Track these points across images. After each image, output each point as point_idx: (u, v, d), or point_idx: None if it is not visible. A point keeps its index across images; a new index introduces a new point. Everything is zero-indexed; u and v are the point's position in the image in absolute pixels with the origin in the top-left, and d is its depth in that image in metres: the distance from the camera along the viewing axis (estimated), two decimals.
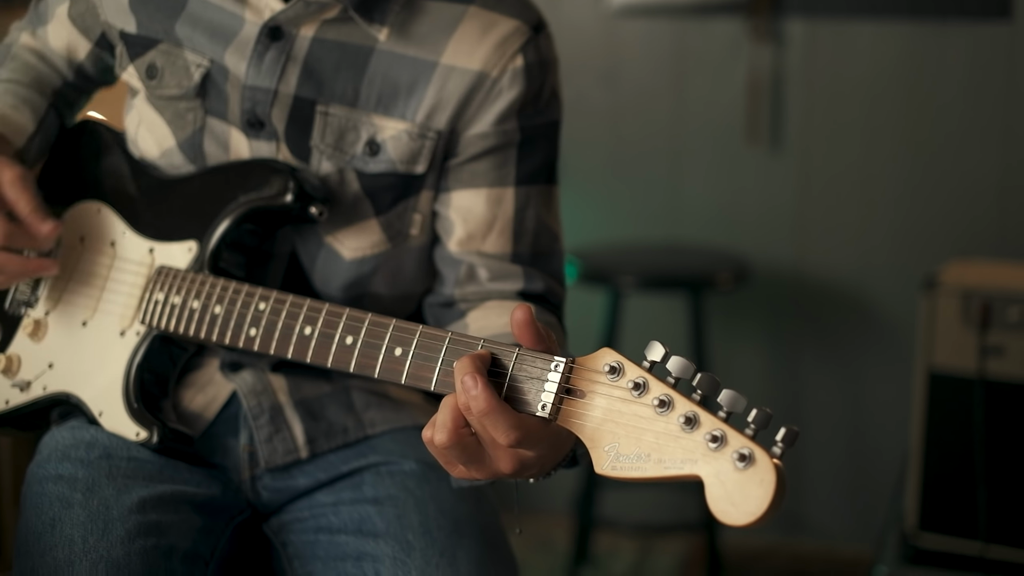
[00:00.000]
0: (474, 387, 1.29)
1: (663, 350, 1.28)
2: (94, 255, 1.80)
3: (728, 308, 4.15)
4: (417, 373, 1.42)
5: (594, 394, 1.30)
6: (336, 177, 1.75)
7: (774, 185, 4.09)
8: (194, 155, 1.80)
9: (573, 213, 4.29)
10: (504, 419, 1.30)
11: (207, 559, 1.69)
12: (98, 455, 1.72)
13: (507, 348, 1.35)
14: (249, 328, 1.59)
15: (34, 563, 1.59)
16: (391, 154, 1.73)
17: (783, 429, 1.20)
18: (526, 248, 1.77)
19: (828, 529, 4.20)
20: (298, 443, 1.80)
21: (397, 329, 1.44)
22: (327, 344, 1.51)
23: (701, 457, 1.22)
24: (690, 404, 1.24)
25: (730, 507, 1.19)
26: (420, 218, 1.79)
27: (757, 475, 1.18)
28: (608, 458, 1.27)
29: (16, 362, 1.83)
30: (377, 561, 1.66)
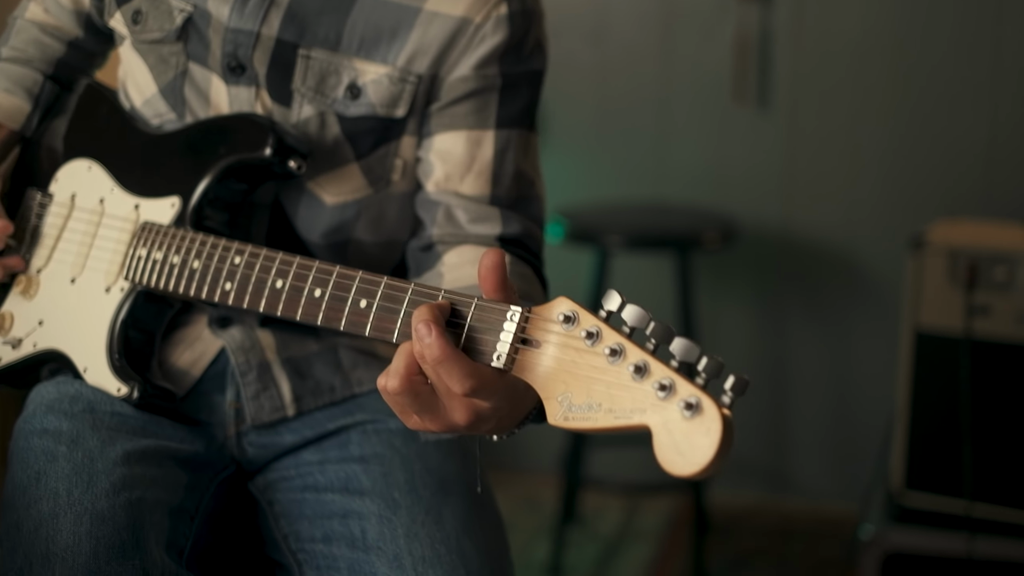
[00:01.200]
0: (428, 335, 1.28)
1: (619, 299, 1.26)
2: (84, 212, 1.81)
3: (715, 268, 4.15)
4: (380, 325, 1.41)
5: (548, 344, 1.28)
6: (317, 121, 1.75)
7: (761, 144, 4.08)
8: (175, 101, 1.81)
9: (560, 172, 4.28)
10: (459, 367, 1.29)
11: (192, 514, 1.70)
12: (81, 408, 1.72)
13: (465, 298, 1.35)
14: (225, 282, 1.59)
15: (19, 516, 1.59)
16: (371, 98, 1.73)
17: (731, 377, 1.18)
18: (504, 191, 1.76)
19: (814, 488, 4.22)
20: (285, 401, 1.80)
21: (363, 281, 1.44)
22: (297, 297, 1.50)
23: (650, 407, 1.20)
24: (641, 353, 1.22)
25: (677, 457, 1.17)
26: (401, 164, 1.79)
27: (704, 424, 1.16)
28: (561, 408, 1.26)
29: (9, 320, 1.84)
30: (363, 519, 1.66)
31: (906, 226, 3.86)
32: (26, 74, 1.91)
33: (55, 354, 1.80)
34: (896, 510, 3.25)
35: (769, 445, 4.25)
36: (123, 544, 1.53)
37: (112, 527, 1.54)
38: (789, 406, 4.20)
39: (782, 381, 4.18)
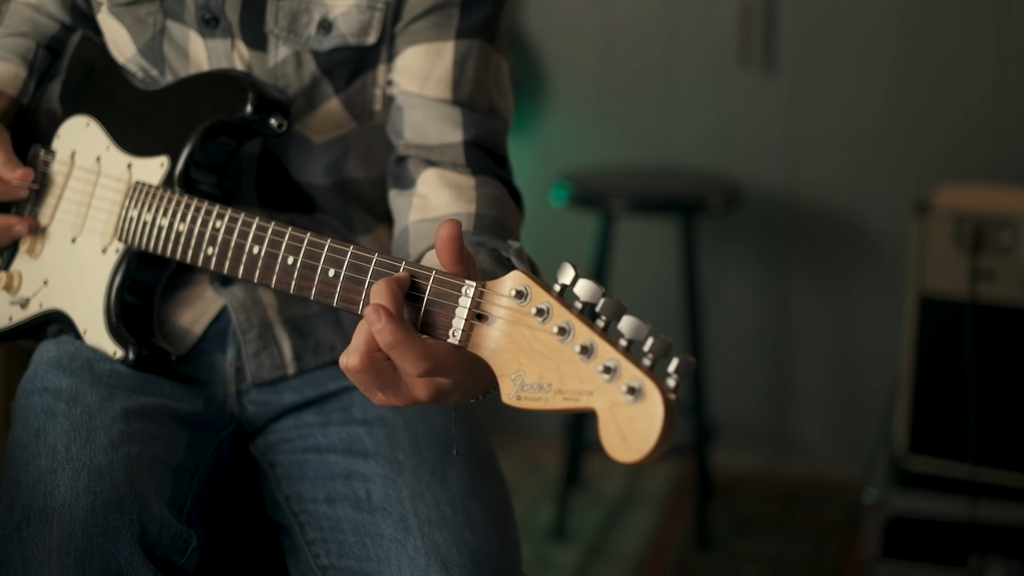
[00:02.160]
0: (377, 320, 1.28)
1: (573, 272, 1.24)
2: (82, 171, 1.81)
3: (720, 231, 4.15)
4: (347, 296, 1.41)
5: (502, 320, 1.27)
6: (293, 61, 1.76)
7: (766, 108, 4.07)
8: (154, 59, 1.82)
9: (564, 136, 4.27)
10: (412, 350, 1.29)
11: (192, 472, 1.70)
12: (80, 366, 1.73)
13: (424, 271, 1.34)
14: (207, 247, 1.59)
15: (18, 472, 1.60)
16: (342, 29, 1.74)
17: (676, 359, 1.15)
18: (465, 96, 1.76)
19: (818, 452, 4.22)
20: (285, 359, 1.81)
21: (331, 250, 1.43)
22: (271, 264, 1.50)
23: (596, 389, 1.17)
24: (589, 332, 1.19)
25: (620, 442, 1.15)
26: (380, 93, 1.80)
27: (646, 409, 1.14)
28: (514, 387, 1.24)
29: (17, 279, 1.84)
30: (368, 480, 1.67)
31: (911, 189, 3.85)
32: (20, 42, 1.91)
33: (59, 314, 1.80)
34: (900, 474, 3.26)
35: (773, 409, 4.25)
36: (120, 499, 1.54)
37: (110, 482, 1.55)
38: (793, 370, 4.20)
39: (786, 345, 4.18)
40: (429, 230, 1.64)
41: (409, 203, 1.70)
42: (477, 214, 1.65)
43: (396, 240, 1.70)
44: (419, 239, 1.64)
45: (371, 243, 1.87)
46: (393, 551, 1.59)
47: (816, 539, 3.77)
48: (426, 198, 1.69)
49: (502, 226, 1.65)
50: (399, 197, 1.74)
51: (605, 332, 1.20)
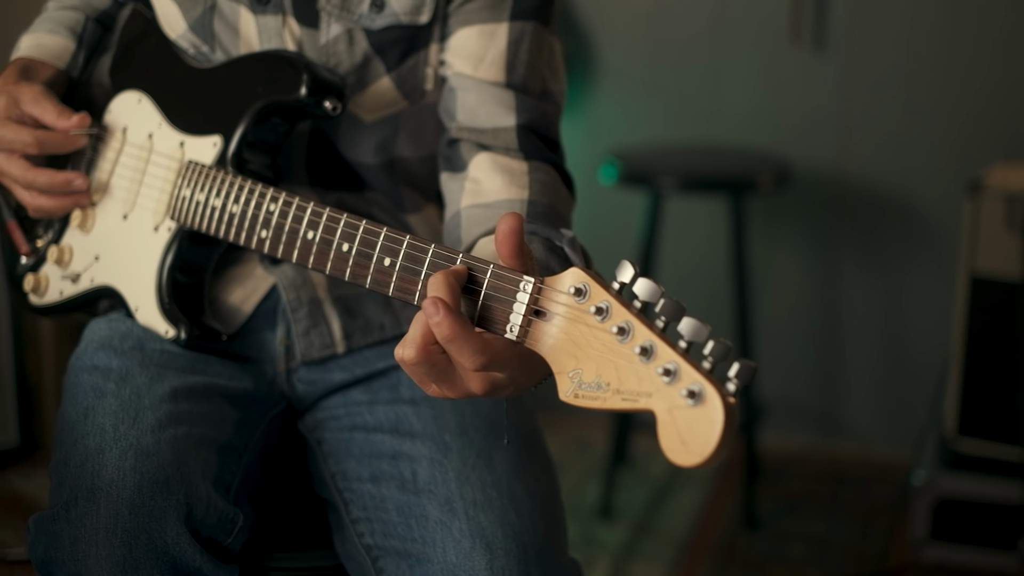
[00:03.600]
0: (435, 313, 1.27)
1: (632, 271, 1.23)
2: (134, 147, 1.81)
3: (769, 210, 4.13)
4: (403, 285, 1.41)
5: (560, 317, 1.26)
6: (345, 39, 1.76)
7: (817, 85, 4.04)
8: (205, 35, 1.82)
9: (613, 114, 4.26)
10: (468, 345, 1.29)
11: (240, 451, 1.71)
12: (131, 346, 1.74)
13: (482, 264, 1.33)
14: (261, 230, 1.59)
15: (67, 451, 1.61)
16: (395, 7, 1.74)
17: (736, 364, 1.15)
18: (519, 79, 1.75)
19: (866, 432, 4.20)
20: (335, 338, 1.81)
21: (387, 238, 1.42)
22: (326, 251, 1.49)
23: (655, 391, 1.17)
24: (649, 333, 1.19)
25: (680, 445, 1.15)
26: (432, 73, 1.79)
27: (706, 413, 1.13)
28: (571, 385, 1.24)
29: (68, 253, 1.86)
30: (414, 461, 1.67)
31: (963, 169, 3.81)
32: (70, 15, 1.92)
33: (110, 290, 1.82)
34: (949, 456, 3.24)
35: (821, 389, 4.23)
36: (167, 479, 1.55)
37: (156, 462, 1.56)
38: (842, 350, 4.18)
39: (835, 325, 4.16)
40: (482, 215, 1.64)
41: (461, 187, 1.70)
42: (530, 200, 1.64)
43: (448, 224, 1.70)
44: (471, 224, 1.64)
45: (420, 222, 1.87)
46: (438, 533, 1.59)
47: (863, 520, 3.75)
48: (479, 182, 1.68)
49: (554, 212, 1.64)
50: (451, 180, 1.73)
51: (664, 333, 1.20)
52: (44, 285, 1.88)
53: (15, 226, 1.90)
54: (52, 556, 1.53)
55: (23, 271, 1.92)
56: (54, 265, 1.87)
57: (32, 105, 1.76)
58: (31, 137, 1.75)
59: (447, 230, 1.69)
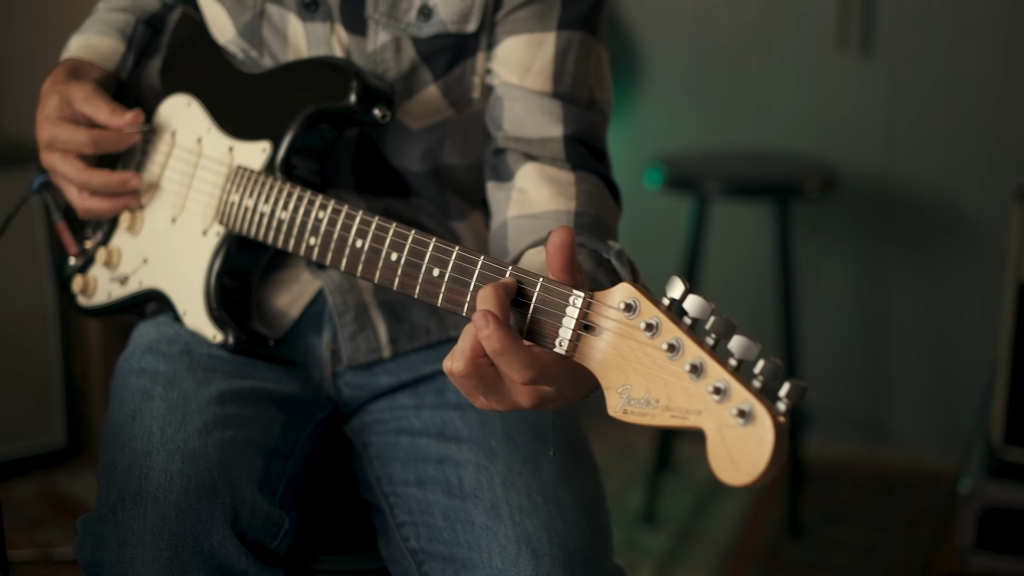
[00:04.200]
0: (485, 326, 1.27)
1: (683, 287, 1.23)
2: (183, 151, 1.82)
3: (815, 216, 4.11)
4: (451, 297, 1.41)
5: (609, 332, 1.26)
6: (392, 47, 1.76)
7: (864, 91, 4.02)
8: (253, 41, 1.83)
9: (659, 118, 4.25)
10: (518, 358, 1.29)
11: (286, 454, 1.71)
12: (179, 350, 1.75)
13: (531, 277, 1.33)
14: (309, 237, 1.59)
15: (115, 454, 1.62)
16: (442, 15, 1.74)
17: (787, 384, 1.15)
18: (566, 89, 1.75)
19: (912, 440, 4.18)
20: (381, 342, 1.81)
21: (436, 249, 1.43)
22: (375, 260, 1.50)
23: (705, 409, 1.17)
24: (699, 350, 1.19)
25: (729, 464, 1.15)
26: (479, 81, 1.79)
27: (756, 433, 1.13)
28: (620, 401, 1.24)
29: (117, 255, 1.87)
30: (460, 466, 1.67)
31: (1011, 175, 3.79)
32: (120, 17, 1.94)
33: (158, 293, 1.83)
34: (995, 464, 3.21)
35: (866, 396, 4.21)
36: (213, 482, 1.55)
37: (203, 465, 1.56)
38: (887, 357, 4.15)
39: (881, 332, 4.14)
40: (529, 226, 1.63)
41: (508, 197, 1.70)
42: (576, 212, 1.64)
43: (494, 235, 1.70)
44: (518, 235, 1.64)
45: (466, 229, 1.87)
46: (484, 538, 1.59)
47: (909, 529, 3.73)
48: (525, 193, 1.68)
49: (601, 224, 1.64)
50: (497, 190, 1.73)
51: (715, 350, 1.20)
52: (92, 287, 1.90)
53: (64, 227, 1.92)
54: (99, 558, 1.54)
55: (71, 272, 1.93)
56: (103, 267, 1.88)
57: (85, 104, 1.77)
58: (86, 137, 1.76)
59: (493, 240, 1.69)
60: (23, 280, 3.58)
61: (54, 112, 1.77)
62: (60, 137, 1.76)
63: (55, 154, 1.78)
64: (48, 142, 1.77)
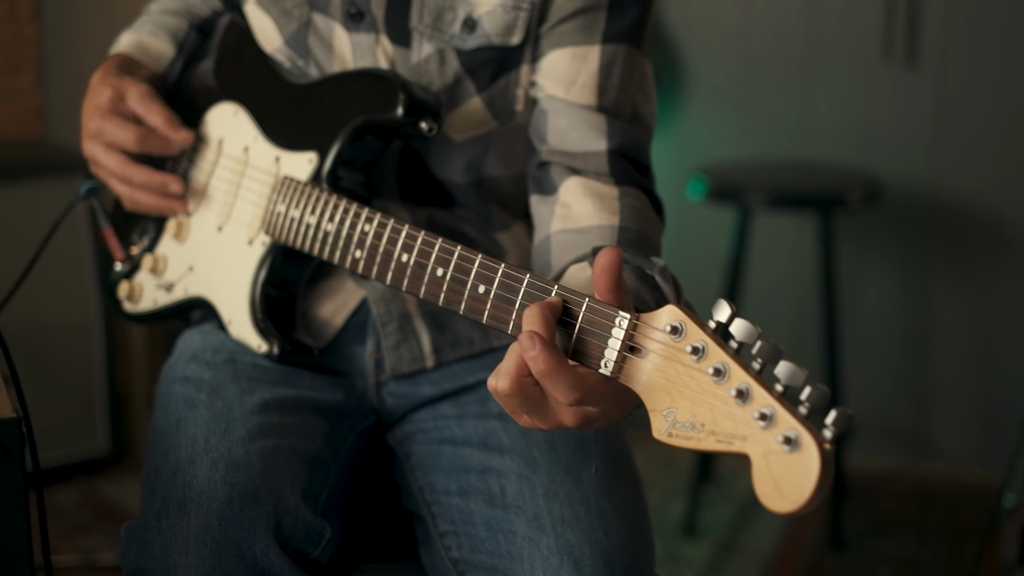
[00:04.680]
0: (532, 347, 1.27)
1: (729, 310, 1.22)
2: (230, 160, 1.83)
3: (858, 227, 4.09)
4: (497, 314, 1.41)
5: (655, 355, 1.26)
6: (436, 58, 1.76)
7: (908, 101, 4.01)
8: (299, 51, 1.83)
9: (702, 130, 4.25)
10: (564, 380, 1.29)
11: (329, 463, 1.72)
12: (224, 359, 1.76)
13: (577, 297, 1.33)
14: (355, 249, 1.60)
15: (159, 461, 1.63)
16: (487, 28, 1.73)
17: (834, 412, 1.14)
18: (611, 102, 1.74)
19: (956, 453, 4.15)
20: (424, 352, 1.81)
21: (482, 265, 1.43)
22: (420, 274, 1.50)
23: (751, 435, 1.17)
24: (745, 375, 1.19)
25: (774, 491, 1.14)
26: (523, 93, 1.79)
27: (801, 461, 1.13)
28: (665, 423, 1.24)
29: (163, 262, 1.88)
30: (502, 476, 1.67)
31: None
32: (172, 21, 1.95)
33: (203, 302, 1.83)
34: None
35: (910, 409, 4.18)
36: (256, 491, 1.56)
37: (246, 474, 1.57)
38: (931, 370, 4.13)
39: (925, 344, 4.12)
40: (572, 241, 1.63)
41: (552, 211, 1.70)
42: (620, 227, 1.63)
43: (537, 248, 1.69)
44: (562, 250, 1.63)
45: (509, 240, 1.87)
46: (526, 549, 1.59)
47: (953, 543, 3.71)
48: (569, 207, 1.68)
49: (644, 239, 1.64)
50: (541, 203, 1.73)
51: (761, 375, 1.19)
52: (138, 293, 1.91)
53: (111, 233, 1.93)
54: (143, 565, 1.54)
55: (117, 278, 1.94)
56: (148, 274, 1.89)
57: (139, 103, 1.78)
58: (134, 135, 1.77)
59: (536, 254, 1.69)
60: (68, 288, 3.61)
61: (105, 104, 1.78)
62: (107, 131, 1.77)
63: (99, 146, 1.79)
64: (95, 133, 1.79)
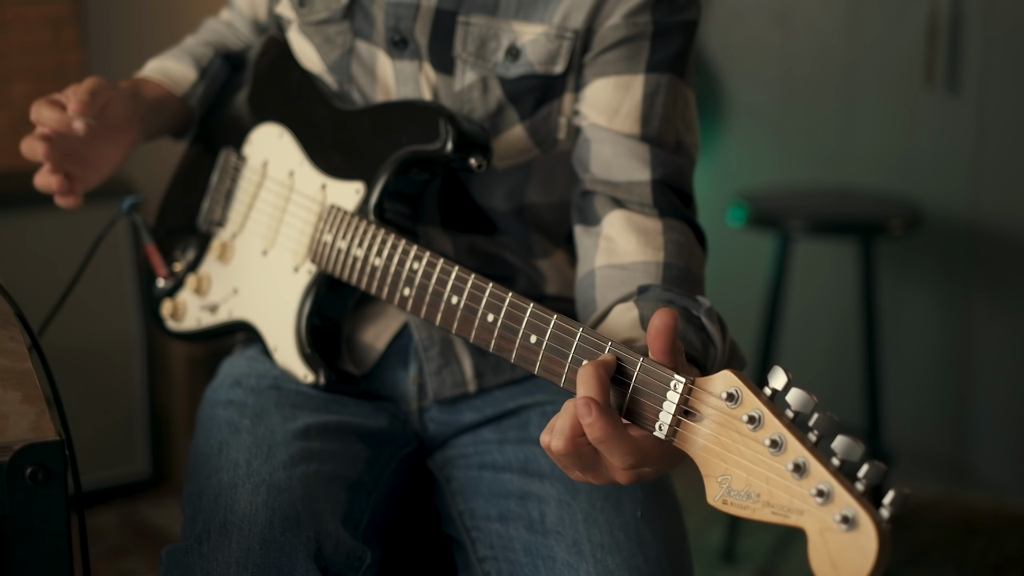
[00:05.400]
0: (588, 415, 1.28)
1: (785, 378, 1.23)
2: (274, 183, 1.83)
3: (899, 254, 4.08)
4: (549, 366, 1.42)
5: (711, 421, 1.26)
6: (480, 86, 1.76)
7: (950, 128, 3.99)
8: (342, 78, 1.84)
9: (743, 155, 4.24)
10: (620, 446, 1.30)
11: (370, 488, 1.72)
12: (268, 385, 1.77)
13: (632, 356, 1.33)
14: (404, 287, 1.60)
15: (201, 485, 1.64)
16: (530, 57, 1.74)
17: (892, 492, 1.14)
18: (654, 132, 1.74)
19: (998, 482, 4.12)
20: (466, 376, 1.82)
21: (533, 315, 1.44)
22: (470, 319, 1.51)
23: (807, 509, 1.17)
24: (802, 449, 1.19)
25: (831, 569, 1.14)
26: (565, 122, 1.78)
27: (859, 541, 1.13)
28: (720, 491, 1.25)
29: (206, 283, 1.89)
30: (542, 502, 1.67)
31: None
32: (198, 49, 1.98)
33: (248, 326, 1.84)
34: None
35: (952, 437, 4.16)
36: (298, 515, 1.56)
37: (288, 498, 1.57)
38: (974, 398, 4.10)
39: (967, 372, 4.09)
40: (617, 277, 1.63)
41: (595, 244, 1.69)
42: (665, 263, 1.63)
43: (581, 282, 1.69)
44: (606, 286, 1.64)
45: (550, 267, 1.87)
46: (565, 575, 1.59)
47: (994, 573, 3.68)
48: (613, 241, 1.68)
49: (689, 275, 1.64)
50: (585, 235, 1.73)
51: (817, 448, 1.19)
52: (182, 312, 1.92)
53: (154, 249, 1.94)
54: None
55: (160, 295, 1.95)
56: (192, 293, 1.90)
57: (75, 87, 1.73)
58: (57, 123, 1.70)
59: (580, 287, 1.69)
60: (109, 310, 3.63)
61: None
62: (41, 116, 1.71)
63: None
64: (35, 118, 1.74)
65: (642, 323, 1.50)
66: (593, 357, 1.37)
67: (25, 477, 1.18)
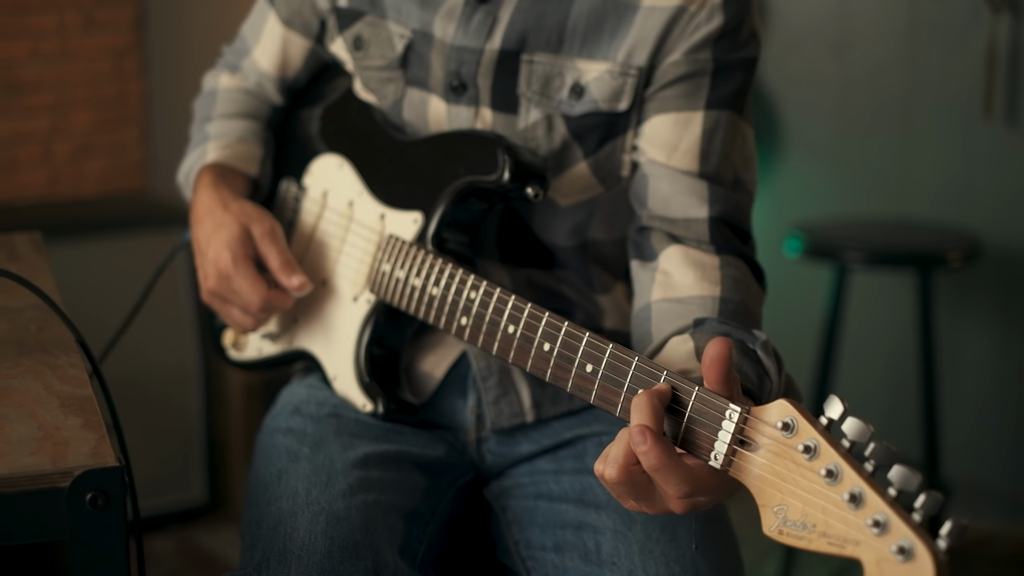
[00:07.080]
0: (643, 443, 1.28)
1: (841, 407, 1.22)
2: (334, 213, 1.85)
3: (958, 287, 4.05)
4: (604, 395, 1.42)
5: (766, 451, 1.27)
6: (544, 124, 1.76)
7: (1009, 160, 3.97)
8: (396, 123, 1.85)
9: (800, 186, 4.23)
10: (675, 475, 1.30)
11: (427, 518, 1.72)
12: (327, 413, 1.77)
13: (687, 386, 1.34)
14: (461, 316, 1.61)
15: (260, 512, 1.64)
16: (594, 94, 1.74)
17: (949, 523, 1.13)
18: (712, 169, 1.73)
19: None
20: (524, 406, 1.82)
21: (589, 344, 1.44)
22: (527, 348, 1.51)
23: (864, 541, 1.17)
24: (858, 479, 1.18)
25: None
26: (629, 159, 1.78)
27: (916, 571, 1.13)
28: (776, 521, 1.25)
29: None
30: (598, 532, 1.66)
31: None
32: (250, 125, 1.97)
33: (308, 355, 1.85)
34: None
35: (1010, 471, 4.12)
36: (356, 545, 1.56)
37: (347, 528, 1.58)
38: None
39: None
40: (673, 311, 1.63)
41: (652, 279, 1.69)
42: (721, 298, 1.63)
43: (637, 316, 1.69)
44: (662, 319, 1.64)
45: (609, 303, 1.87)
46: None
47: None
48: (669, 275, 1.68)
49: (746, 310, 1.64)
50: (641, 270, 1.73)
51: (873, 478, 1.19)
52: (243, 341, 1.93)
53: None
54: None
55: (221, 324, 1.97)
56: None
57: (263, 243, 1.77)
58: (260, 300, 1.75)
59: (636, 321, 1.69)
60: (168, 337, 3.65)
61: (236, 246, 1.77)
62: (240, 291, 1.76)
63: (227, 304, 1.80)
64: (218, 291, 1.79)
65: (697, 355, 1.50)
66: (648, 386, 1.37)
67: (85, 502, 1.20)
